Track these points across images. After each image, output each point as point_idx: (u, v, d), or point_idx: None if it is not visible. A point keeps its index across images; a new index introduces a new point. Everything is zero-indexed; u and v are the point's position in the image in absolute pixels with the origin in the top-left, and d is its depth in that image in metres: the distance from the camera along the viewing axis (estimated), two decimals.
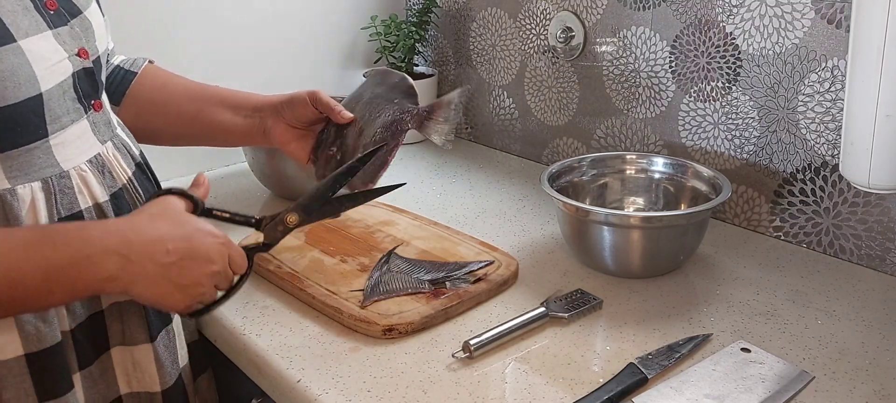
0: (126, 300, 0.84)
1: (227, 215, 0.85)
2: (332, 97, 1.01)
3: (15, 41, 0.72)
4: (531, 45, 1.46)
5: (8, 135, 0.73)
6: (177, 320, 0.91)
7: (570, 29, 1.36)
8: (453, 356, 0.86)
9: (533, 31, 1.45)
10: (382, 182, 0.92)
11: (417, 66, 1.67)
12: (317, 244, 1.11)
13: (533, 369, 0.84)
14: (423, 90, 1.60)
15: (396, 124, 0.95)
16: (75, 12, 0.81)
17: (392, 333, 0.90)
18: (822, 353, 0.87)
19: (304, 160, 1.03)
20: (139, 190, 0.87)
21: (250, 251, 0.85)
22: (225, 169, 1.48)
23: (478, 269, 1.01)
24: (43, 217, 0.76)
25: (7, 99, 0.71)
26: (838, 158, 1.05)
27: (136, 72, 1.01)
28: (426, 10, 1.61)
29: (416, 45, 1.61)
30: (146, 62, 1.03)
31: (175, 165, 1.40)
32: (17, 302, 0.70)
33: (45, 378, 0.78)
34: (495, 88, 1.56)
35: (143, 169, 0.91)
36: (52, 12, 0.78)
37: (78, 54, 0.79)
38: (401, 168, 1.48)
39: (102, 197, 0.82)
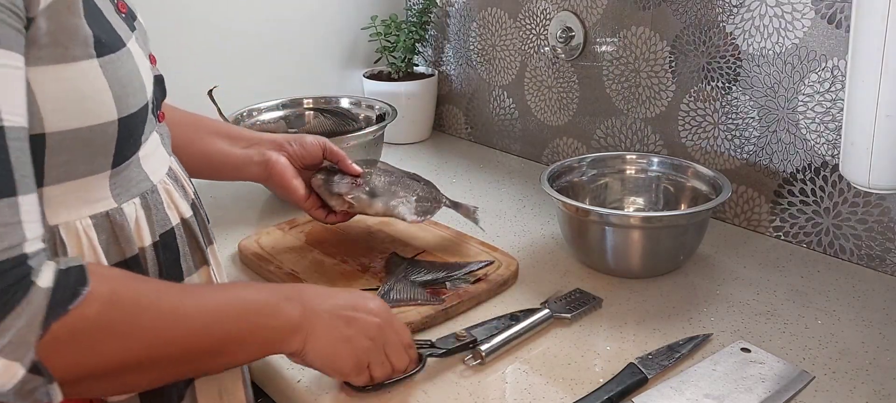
0: None
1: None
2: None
3: (125, 45, 0.66)
4: (531, 45, 1.46)
5: (122, 148, 0.66)
6: None
7: (570, 29, 1.36)
8: (464, 362, 0.85)
9: (533, 31, 1.45)
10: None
11: (417, 65, 1.67)
12: (317, 245, 1.11)
13: (533, 369, 0.84)
14: (423, 90, 1.61)
15: (436, 195, 1.08)
16: (134, 17, 0.74)
17: None
18: (822, 353, 0.87)
19: (302, 200, 1.01)
20: (203, 206, 0.83)
21: (423, 350, 0.84)
22: None
23: (478, 269, 1.01)
24: (146, 235, 0.70)
25: (130, 106, 0.65)
26: (838, 158, 1.05)
27: None
28: (426, 10, 1.61)
29: (416, 45, 1.61)
30: None
31: None
32: (208, 356, 0.67)
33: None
34: (495, 88, 1.56)
35: (192, 183, 0.86)
36: (124, 15, 0.70)
37: (149, 60, 0.73)
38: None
39: (187, 212, 0.76)
